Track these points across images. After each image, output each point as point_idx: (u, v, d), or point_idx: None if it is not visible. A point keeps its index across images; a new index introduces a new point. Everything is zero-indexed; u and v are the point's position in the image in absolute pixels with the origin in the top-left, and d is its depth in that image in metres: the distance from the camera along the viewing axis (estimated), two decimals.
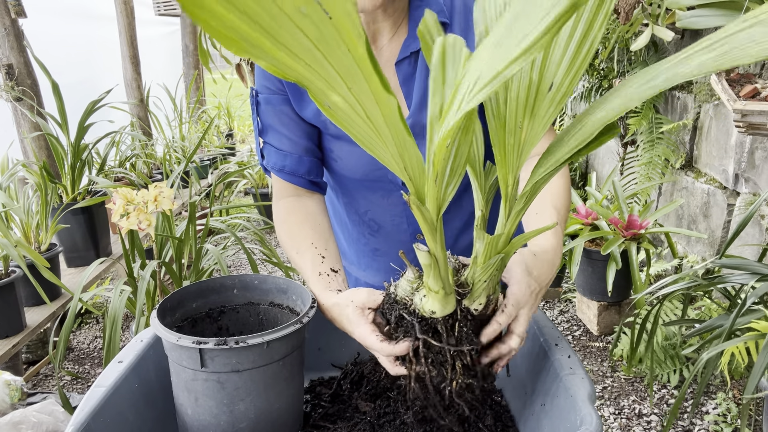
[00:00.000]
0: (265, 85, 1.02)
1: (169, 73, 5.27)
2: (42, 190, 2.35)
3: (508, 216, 0.66)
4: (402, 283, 0.72)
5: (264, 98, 1.02)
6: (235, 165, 4.45)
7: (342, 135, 1.01)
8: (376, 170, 1.03)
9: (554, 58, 0.59)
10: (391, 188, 1.06)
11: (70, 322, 1.74)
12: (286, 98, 1.01)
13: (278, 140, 1.03)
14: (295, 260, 0.96)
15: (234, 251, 2.37)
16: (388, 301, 0.73)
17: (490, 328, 0.70)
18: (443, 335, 0.68)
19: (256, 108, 1.03)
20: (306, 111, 1.01)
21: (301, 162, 1.03)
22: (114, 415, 0.72)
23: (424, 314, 0.68)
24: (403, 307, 0.70)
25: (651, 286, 1.92)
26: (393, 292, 0.73)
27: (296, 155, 1.02)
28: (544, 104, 0.60)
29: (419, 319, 0.69)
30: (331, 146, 1.04)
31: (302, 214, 1.01)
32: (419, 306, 0.69)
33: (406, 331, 0.70)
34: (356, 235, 1.19)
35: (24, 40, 2.70)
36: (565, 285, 3.23)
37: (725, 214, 2.45)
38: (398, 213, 1.10)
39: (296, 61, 0.38)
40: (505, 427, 0.84)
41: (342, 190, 1.14)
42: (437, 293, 0.66)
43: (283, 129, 1.02)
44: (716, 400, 2.18)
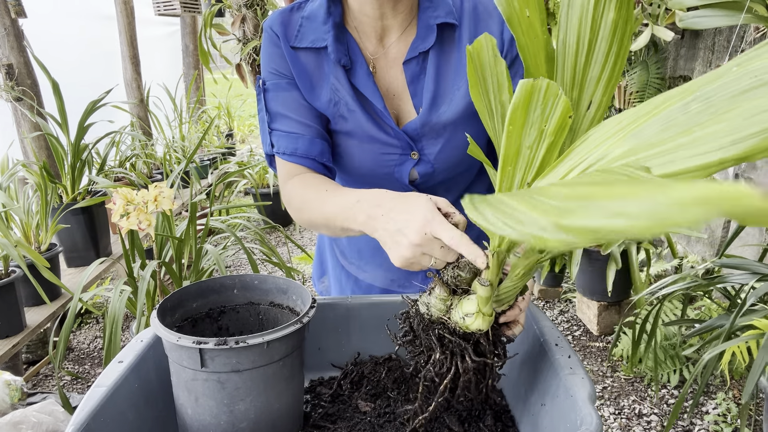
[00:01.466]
0: (275, 68, 1.00)
1: (169, 73, 5.27)
2: (42, 190, 2.35)
3: None
4: (433, 301, 0.72)
5: (273, 84, 1.00)
6: (235, 165, 4.45)
7: (350, 131, 1.01)
8: (382, 167, 1.03)
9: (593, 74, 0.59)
10: (396, 187, 1.05)
11: (70, 322, 1.74)
12: (295, 83, 1.00)
13: (288, 125, 1.00)
14: (326, 198, 0.90)
15: (234, 251, 2.37)
16: (422, 320, 0.73)
17: (512, 312, 0.73)
18: (485, 345, 0.72)
19: (264, 96, 1.01)
20: (316, 103, 1.00)
21: (313, 144, 0.99)
22: (114, 415, 0.72)
23: (467, 331, 0.70)
24: (441, 326, 0.72)
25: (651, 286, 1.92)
26: (425, 312, 0.73)
27: (308, 137, 0.99)
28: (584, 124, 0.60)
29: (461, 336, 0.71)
30: (338, 141, 1.04)
31: (319, 180, 0.97)
32: (462, 324, 0.70)
33: (452, 351, 0.72)
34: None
35: (24, 40, 2.70)
36: (565, 285, 3.23)
37: None
38: None
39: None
40: (505, 427, 0.84)
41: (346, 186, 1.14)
42: (490, 316, 0.69)
43: (293, 114, 1.00)
44: (716, 400, 2.18)
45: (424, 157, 1.02)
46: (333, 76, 0.98)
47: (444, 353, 0.72)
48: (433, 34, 0.96)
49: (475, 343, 0.71)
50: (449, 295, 0.71)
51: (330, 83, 0.99)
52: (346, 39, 0.99)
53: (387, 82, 1.01)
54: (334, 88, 0.99)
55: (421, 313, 0.73)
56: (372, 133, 1.00)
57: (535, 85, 0.54)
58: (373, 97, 0.97)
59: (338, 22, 0.98)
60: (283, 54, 0.99)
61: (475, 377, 0.72)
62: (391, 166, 1.03)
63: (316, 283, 1.33)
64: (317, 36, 0.98)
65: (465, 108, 0.98)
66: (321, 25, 0.98)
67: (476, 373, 0.72)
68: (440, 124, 0.99)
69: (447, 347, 0.71)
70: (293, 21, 1.00)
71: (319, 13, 0.98)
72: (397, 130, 0.99)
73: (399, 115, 1.02)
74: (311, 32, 0.98)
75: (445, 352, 0.72)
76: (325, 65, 0.99)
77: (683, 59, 2.74)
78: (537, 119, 0.54)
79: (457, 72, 0.98)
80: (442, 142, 1.00)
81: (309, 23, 0.99)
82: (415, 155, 1.02)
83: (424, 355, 0.74)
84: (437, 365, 0.72)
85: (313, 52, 0.99)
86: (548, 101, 0.54)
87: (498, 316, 0.72)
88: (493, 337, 0.72)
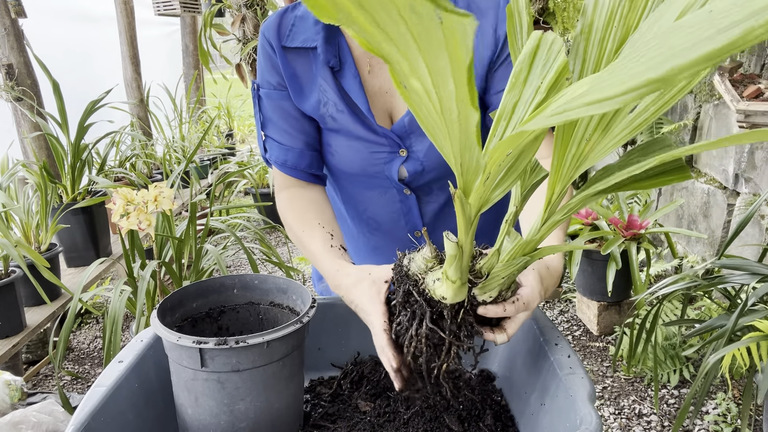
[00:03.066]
0: (267, 80, 1.04)
1: (169, 73, 5.27)
2: (42, 190, 2.35)
3: (544, 222, 0.65)
4: (417, 258, 0.71)
5: (265, 93, 1.04)
6: (235, 165, 4.45)
7: (340, 129, 1.03)
8: (372, 166, 1.05)
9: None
10: (387, 185, 1.07)
11: (70, 322, 1.74)
12: (286, 94, 1.03)
13: (279, 134, 1.05)
14: (303, 239, 0.98)
15: (234, 251, 2.37)
16: (399, 272, 0.72)
17: (494, 308, 0.70)
18: (447, 321, 0.69)
19: (258, 101, 1.06)
20: (306, 104, 1.02)
21: (303, 156, 1.05)
22: (114, 415, 0.73)
23: (434, 297, 0.68)
24: (413, 283, 0.70)
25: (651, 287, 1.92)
26: (406, 265, 0.72)
27: (297, 149, 1.05)
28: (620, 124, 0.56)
29: (427, 300, 0.69)
30: (329, 140, 1.06)
31: (306, 201, 1.04)
32: (430, 287, 0.68)
33: (414, 311, 0.70)
34: (356, 233, 1.20)
35: (24, 40, 2.70)
36: (565, 285, 3.23)
37: (725, 214, 2.45)
38: (396, 210, 1.11)
39: (387, 43, 0.38)
40: (504, 427, 0.84)
41: (340, 187, 1.15)
42: (453, 283, 0.66)
43: (284, 124, 1.05)
44: (716, 400, 2.18)
45: (413, 154, 1.03)
46: (321, 78, 1.00)
47: (405, 309, 0.71)
48: None
49: (437, 312, 0.69)
50: (433, 258, 0.70)
51: (318, 84, 1.01)
52: (337, 40, 1.00)
53: (381, 80, 1.02)
54: (322, 89, 1.01)
55: (402, 265, 0.73)
56: (359, 133, 1.02)
57: (543, 38, 0.51)
58: (358, 99, 0.99)
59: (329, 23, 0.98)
60: (275, 64, 1.02)
61: (428, 351, 0.70)
62: (380, 164, 1.04)
63: (316, 284, 1.34)
64: (308, 36, 0.99)
65: None
66: (312, 26, 0.99)
67: (430, 347, 0.70)
68: None
69: (411, 305, 0.70)
70: (286, 20, 1.02)
71: (311, 14, 0.99)
72: (384, 129, 1.01)
73: (392, 112, 1.03)
74: (302, 32, 1.00)
75: (407, 309, 0.70)
76: (314, 66, 1.01)
77: None
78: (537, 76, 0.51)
79: None
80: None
81: (301, 23, 1.00)
82: (403, 152, 1.03)
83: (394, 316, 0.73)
84: (400, 324, 0.71)
85: (303, 52, 1.01)
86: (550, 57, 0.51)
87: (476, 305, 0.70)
88: (461, 319, 0.69)
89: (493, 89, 1.00)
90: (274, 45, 1.01)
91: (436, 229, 1.15)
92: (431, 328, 0.69)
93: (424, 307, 0.69)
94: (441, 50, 0.38)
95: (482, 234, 1.20)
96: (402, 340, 0.72)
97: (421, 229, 1.12)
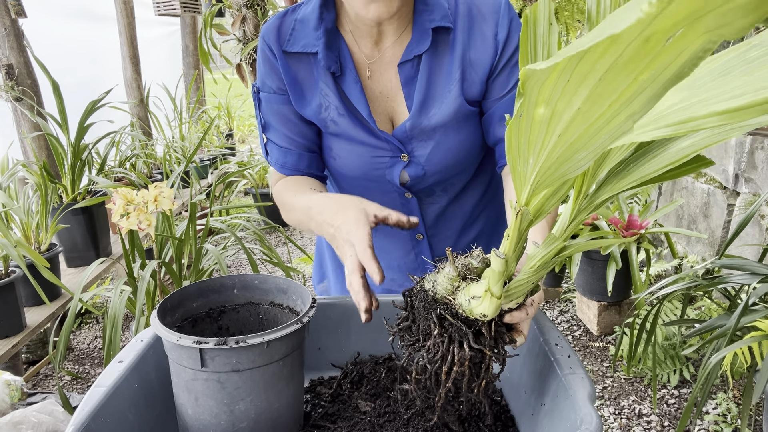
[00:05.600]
0: (267, 84, 1.04)
1: (169, 73, 5.27)
2: (42, 190, 2.35)
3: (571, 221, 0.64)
4: (441, 279, 0.70)
5: (265, 96, 1.05)
6: (235, 165, 4.45)
7: (341, 133, 1.03)
8: (374, 170, 1.05)
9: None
10: (389, 188, 1.07)
11: (70, 322, 1.74)
12: (286, 98, 1.03)
13: (279, 137, 1.06)
14: (295, 202, 0.98)
15: (234, 251, 2.37)
16: (425, 297, 0.71)
17: (518, 314, 0.70)
18: (486, 336, 0.68)
19: (258, 105, 1.07)
20: (306, 109, 1.02)
21: (301, 158, 1.06)
22: (114, 415, 0.73)
23: (471, 316, 0.67)
24: (444, 307, 0.68)
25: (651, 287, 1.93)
26: (431, 289, 0.70)
27: (296, 152, 1.06)
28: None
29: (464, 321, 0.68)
30: (331, 144, 1.06)
31: (301, 179, 1.06)
32: (466, 307, 0.67)
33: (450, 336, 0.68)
34: None
35: (24, 40, 2.70)
36: (565, 285, 3.23)
37: (725, 214, 2.45)
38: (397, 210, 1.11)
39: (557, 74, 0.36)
40: (505, 427, 0.84)
41: (341, 189, 1.15)
42: (498, 299, 0.65)
43: (283, 128, 1.05)
44: (716, 400, 2.18)
45: (414, 159, 1.02)
46: (322, 82, 1.00)
47: (442, 336, 0.68)
48: (428, 38, 0.96)
49: (476, 332, 0.68)
50: (458, 277, 0.68)
51: (320, 89, 1.01)
52: (338, 45, 0.99)
53: (382, 85, 1.01)
54: (323, 94, 1.01)
55: (426, 290, 0.70)
56: (361, 138, 1.02)
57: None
58: (359, 104, 0.99)
59: (330, 28, 0.98)
60: (275, 68, 1.02)
61: (470, 372, 0.69)
62: (382, 168, 1.04)
63: (316, 287, 1.34)
64: (308, 41, 0.99)
65: (456, 111, 0.98)
66: (313, 31, 0.98)
67: (471, 367, 0.69)
68: (430, 127, 0.99)
69: (446, 330, 0.68)
70: (286, 24, 1.01)
71: (311, 18, 0.98)
72: (385, 134, 1.01)
73: (393, 117, 1.03)
74: (303, 37, 0.99)
75: (443, 335, 0.68)
76: (315, 71, 1.01)
77: None
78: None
79: (449, 75, 0.98)
80: (433, 144, 1.01)
81: (302, 27, 1.00)
82: (405, 157, 1.03)
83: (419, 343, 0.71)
84: (432, 351, 0.69)
85: (304, 56, 1.00)
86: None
87: (503, 315, 0.69)
88: (495, 332, 0.69)
89: (493, 95, 0.99)
90: (275, 49, 1.00)
91: (437, 233, 1.14)
92: (476, 348, 0.67)
93: (464, 329, 0.67)
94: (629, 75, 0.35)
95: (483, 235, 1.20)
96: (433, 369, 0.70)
97: (422, 231, 1.12)
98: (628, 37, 0.30)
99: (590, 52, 0.32)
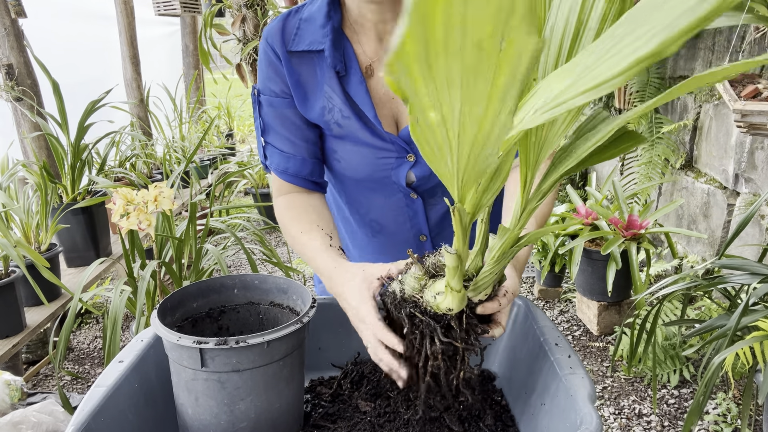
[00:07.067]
0: (269, 87, 1.02)
1: (169, 73, 5.27)
2: (42, 190, 2.35)
3: (523, 211, 0.66)
4: (408, 279, 0.72)
5: (266, 99, 1.03)
6: (235, 165, 4.45)
7: (346, 136, 1.02)
8: (379, 171, 1.04)
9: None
10: (394, 190, 1.06)
11: (70, 322, 1.74)
12: (290, 101, 1.01)
13: (280, 142, 1.04)
14: (302, 240, 0.97)
15: (234, 251, 2.37)
16: (394, 298, 0.72)
17: (491, 304, 0.72)
18: (456, 330, 0.70)
19: (258, 107, 1.04)
20: (310, 112, 1.01)
21: (304, 164, 1.04)
22: (115, 415, 0.73)
23: (438, 311, 0.69)
24: (413, 305, 0.70)
25: (651, 287, 1.93)
26: (399, 290, 0.72)
27: (299, 157, 1.04)
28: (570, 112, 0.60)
29: (432, 316, 0.69)
30: (334, 147, 1.05)
31: (305, 205, 1.03)
32: (432, 303, 0.69)
33: (422, 332, 0.70)
34: (361, 235, 1.20)
35: (24, 40, 2.70)
36: (565, 285, 3.23)
37: (725, 214, 2.45)
38: (401, 214, 1.10)
39: (425, 84, 0.38)
40: (505, 427, 0.84)
41: (344, 191, 1.14)
42: (459, 292, 0.67)
43: (285, 131, 1.03)
44: (716, 400, 2.18)
45: (421, 159, 1.01)
46: (327, 84, 0.99)
47: (413, 332, 0.70)
48: None
49: (445, 326, 0.70)
50: (424, 275, 0.71)
51: (324, 91, 0.99)
52: (343, 45, 0.99)
53: (387, 87, 1.01)
54: (327, 96, 0.99)
55: (394, 291, 0.73)
56: (366, 140, 1.01)
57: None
58: (364, 105, 0.98)
59: (337, 27, 0.98)
60: (278, 71, 1.00)
61: (445, 365, 0.71)
62: (387, 169, 1.03)
63: (317, 285, 1.34)
64: (314, 39, 0.98)
65: None
66: (319, 29, 0.97)
67: (446, 360, 0.71)
68: None
69: (417, 326, 0.70)
70: (290, 24, 1.00)
71: (317, 16, 0.98)
72: (391, 135, 1.00)
73: (398, 118, 1.02)
74: (309, 35, 0.98)
75: (415, 331, 0.70)
76: (319, 71, 0.99)
77: (683, 59, 2.74)
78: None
79: None
80: None
81: (307, 26, 0.99)
82: (411, 158, 1.02)
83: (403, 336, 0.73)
84: (408, 347, 0.71)
85: (308, 56, 0.99)
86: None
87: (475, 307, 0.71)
88: (466, 325, 0.70)
89: None
90: (279, 51, 0.99)
91: (441, 233, 1.14)
92: (445, 342, 0.69)
93: (433, 324, 0.69)
94: (486, 76, 0.37)
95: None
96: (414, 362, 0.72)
97: (426, 232, 1.12)
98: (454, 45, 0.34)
99: (435, 59, 0.35)
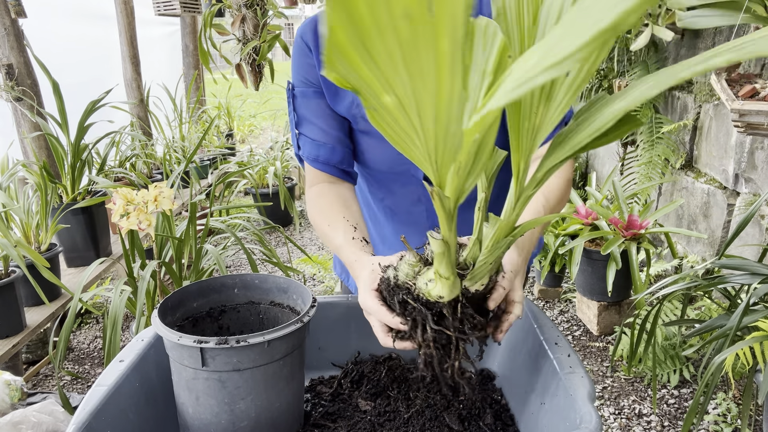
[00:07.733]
0: (302, 79, 1.07)
1: (169, 73, 5.27)
2: (42, 190, 2.35)
3: (517, 200, 0.66)
4: (402, 266, 0.72)
5: (300, 91, 1.07)
6: (235, 165, 4.44)
7: (370, 131, 1.06)
8: (400, 165, 1.08)
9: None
10: (411, 180, 1.11)
11: (70, 322, 1.74)
12: (321, 92, 1.06)
13: (312, 131, 1.08)
14: (327, 232, 0.99)
15: (234, 251, 2.37)
16: (388, 285, 0.72)
17: (496, 293, 0.72)
18: (448, 318, 0.69)
19: (293, 101, 1.09)
20: (339, 106, 1.05)
21: (334, 152, 1.08)
22: (115, 414, 0.73)
23: (430, 299, 0.68)
24: (406, 291, 0.70)
25: (651, 287, 1.93)
26: (393, 276, 0.72)
27: (329, 145, 1.07)
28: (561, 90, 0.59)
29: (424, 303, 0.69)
30: (359, 139, 1.10)
31: (334, 195, 1.06)
32: (424, 291, 0.68)
33: (415, 319, 0.70)
34: (382, 219, 1.25)
35: (24, 40, 2.70)
36: (565, 285, 3.23)
37: (725, 214, 2.45)
38: (415, 201, 1.16)
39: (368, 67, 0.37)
40: (504, 426, 0.84)
41: (369, 183, 1.20)
42: (447, 279, 0.66)
43: (317, 120, 1.07)
44: (716, 400, 2.18)
45: None
46: None
47: (405, 319, 0.70)
48: None
49: (437, 313, 0.69)
50: (418, 262, 0.70)
51: None
52: None
53: None
54: None
55: (388, 277, 0.73)
56: None
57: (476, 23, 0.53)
58: None
59: None
60: (311, 63, 1.05)
61: (438, 353, 0.70)
62: (407, 163, 1.07)
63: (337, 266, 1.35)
64: None
65: None
66: None
67: (439, 349, 0.70)
68: None
69: (409, 314, 0.70)
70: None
71: None
72: None
73: None
74: None
75: (407, 319, 0.70)
76: None
77: (683, 59, 2.74)
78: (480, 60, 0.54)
79: None
80: None
81: None
82: None
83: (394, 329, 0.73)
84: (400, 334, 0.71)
85: None
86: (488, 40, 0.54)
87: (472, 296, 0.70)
88: (461, 314, 0.70)
89: None
90: (311, 45, 1.03)
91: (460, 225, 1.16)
92: (437, 329, 0.69)
93: (424, 311, 0.69)
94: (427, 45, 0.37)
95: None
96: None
97: None
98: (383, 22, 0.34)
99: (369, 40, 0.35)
